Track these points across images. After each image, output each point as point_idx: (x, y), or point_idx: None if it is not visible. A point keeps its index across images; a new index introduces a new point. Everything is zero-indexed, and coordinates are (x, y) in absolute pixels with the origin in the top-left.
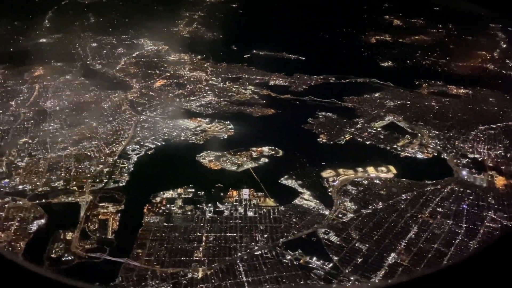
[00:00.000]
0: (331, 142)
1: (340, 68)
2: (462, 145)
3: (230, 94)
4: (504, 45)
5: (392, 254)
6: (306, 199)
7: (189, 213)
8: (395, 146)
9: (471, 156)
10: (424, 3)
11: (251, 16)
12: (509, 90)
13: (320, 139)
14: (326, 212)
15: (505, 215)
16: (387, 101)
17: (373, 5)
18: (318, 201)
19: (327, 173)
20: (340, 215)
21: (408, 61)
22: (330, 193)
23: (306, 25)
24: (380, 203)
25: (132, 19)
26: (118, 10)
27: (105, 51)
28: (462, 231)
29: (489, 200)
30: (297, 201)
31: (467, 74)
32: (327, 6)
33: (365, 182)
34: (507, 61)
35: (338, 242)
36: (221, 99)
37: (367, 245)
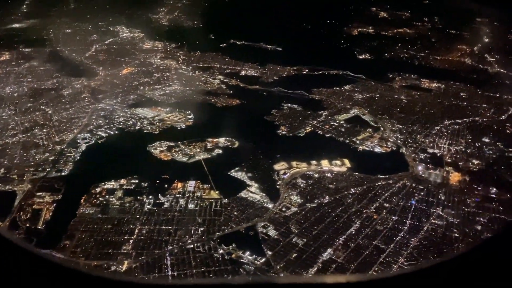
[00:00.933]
0: (291, 134)
1: (316, 59)
2: (423, 139)
3: (197, 83)
4: (487, 40)
5: (328, 250)
6: (253, 192)
7: (127, 205)
8: (354, 140)
9: (431, 151)
10: None
11: (237, 6)
12: (482, 85)
13: (280, 131)
14: (270, 206)
15: (452, 212)
16: (356, 94)
17: None
18: (264, 194)
19: (279, 166)
20: (283, 209)
21: (386, 54)
22: (278, 186)
23: (290, 16)
24: (327, 197)
25: (114, 7)
26: None
27: (78, 38)
28: (406, 227)
29: (439, 197)
30: (242, 194)
31: (443, 68)
32: None
33: (316, 175)
34: (486, 55)
35: (275, 237)
36: (187, 88)
37: (305, 240)
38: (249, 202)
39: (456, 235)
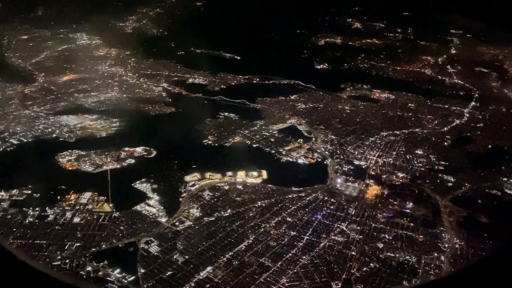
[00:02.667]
0: (216, 144)
1: (273, 68)
2: (353, 151)
3: (137, 90)
4: (454, 51)
5: (209, 268)
6: (150, 205)
7: (8, 217)
8: (280, 150)
9: (357, 163)
10: (396, 9)
11: (210, 15)
12: (434, 96)
13: (206, 140)
14: (164, 220)
15: (357, 228)
16: (299, 104)
17: (343, 7)
18: (162, 208)
19: (190, 177)
20: (177, 223)
21: (346, 64)
22: (181, 199)
23: (261, 26)
24: (229, 211)
25: (83, 14)
26: (75, 4)
27: (31, 44)
28: (301, 244)
29: (349, 211)
30: (138, 207)
31: (400, 79)
32: (294, 8)
33: (226, 187)
34: (448, 66)
35: (155, 253)
36: (125, 95)
37: (187, 257)
38: (142, 216)
39: (353, 253)
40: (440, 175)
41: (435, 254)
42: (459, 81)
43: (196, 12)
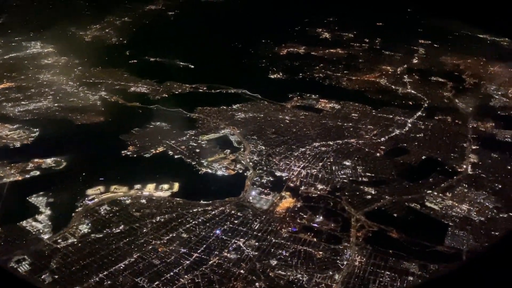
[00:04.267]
0: (135, 155)
1: (226, 77)
2: (278, 162)
3: (71, 99)
4: (415, 61)
5: None
6: (37, 221)
7: None
8: (202, 162)
9: (278, 174)
10: (370, 19)
11: (180, 24)
12: (382, 106)
13: (125, 151)
14: (46, 237)
15: (255, 244)
16: (239, 113)
17: (317, 18)
18: (50, 223)
19: (93, 190)
20: (59, 240)
21: (301, 74)
22: (74, 214)
23: (227, 35)
24: (122, 227)
25: (45, 22)
26: (41, 12)
27: None
28: (187, 262)
29: (253, 226)
30: (24, 222)
31: (352, 89)
32: (267, 18)
33: (128, 201)
34: (405, 76)
35: (24, 273)
36: (56, 104)
37: (56, 277)
38: (24, 232)
39: (242, 271)
40: (361, 187)
41: (330, 273)
42: (412, 91)
43: (165, 21)
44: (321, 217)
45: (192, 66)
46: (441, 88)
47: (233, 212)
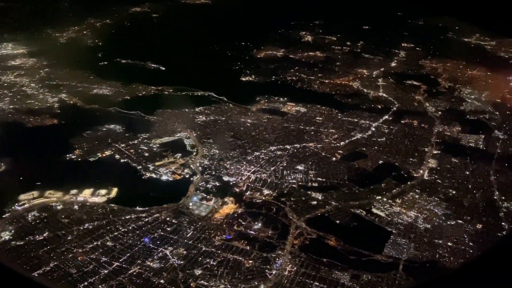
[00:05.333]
0: (79, 159)
1: (196, 80)
2: (230, 166)
3: (29, 101)
4: (394, 64)
5: None
6: None
7: None
8: (148, 166)
9: (226, 179)
10: (357, 22)
11: (162, 26)
12: (350, 109)
13: (71, 154)
14: None
15: (184, 252)
16: (200, 116)
17: (303, 21)
18: None
19: (26, 195)
20: None
21: (274, 77)
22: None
23: (207, 37)
24: (46, 234)
25: (23, 24)
26: (20, 14)
27: None
28: (105, 271)
29: (185, 233)
30: None
31: (322, 92)
32: (251, 21)
33: (59, 207)
34: (380, 79)
35: None
36: (11, 106)
37: None
38: None
39: (161, 281)
40: (309, 192)
41: (255, 283)
42: (383, 94)
43: (147, 23)
44: (259, 224)
45: (163, 68)
46: (414, 91)
47: (168, 219)
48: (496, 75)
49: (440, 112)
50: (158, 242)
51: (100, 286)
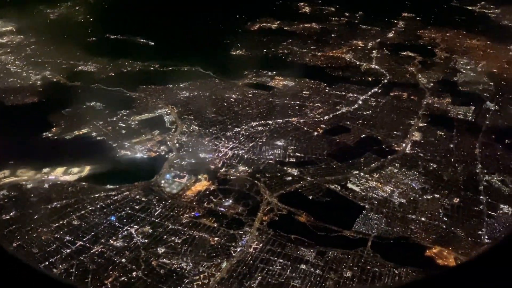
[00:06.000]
0: (56, 137)
1: (185, 54)
2: (208, 143)
3: (11, 79)
4: (391, 35)
5: None
6: None
7: None
8: (124, 143)
9: (203, 155)
10: None
11: (156, 1)
12: (339, 82)
13: (48, 132)
14: None
15: (150, 231)
16: (184, 92)
17: None
18: None
19: None
20: None
21: (265, 50)
22: None
23: (201, 10)
24: (13, 213)
25: (15, 0)
26: None
27: None
28: (68, 250)
29: (152, 211)
30: None
31: (314, 65)
32: None
33: (29, 186)
34: (374, 51)
35: None
36: None
37: None
38: None
39: (123, 260)
40: (285, 168)
41: (218, 260)
42: (376, 67)
43: None
44: (230, 201)
45: (152, 43)
46: (408, 63)
47: (138, 197)
48: (496, 45)
49: (432, 84)
50: (125, 221)
51: (60, 266)
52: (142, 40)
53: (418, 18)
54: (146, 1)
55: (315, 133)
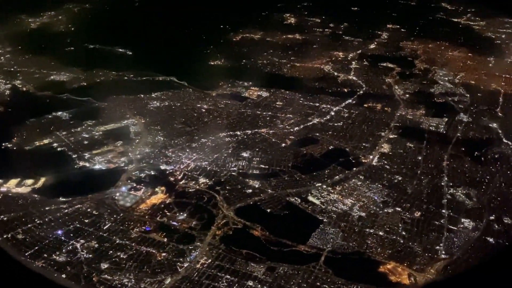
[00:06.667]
0: (15, 148)
1: (162, 64)
2: (171, 154)
3: None
4: (372, 46)
5: None
6: None
7: None
8: (83, 155)
9: (164, 167)
10: (344, 3)
11: (142, 10)
12: (315, 93)
13: (7, 143)
14: None
15: (96, 246)
16: (155, 102)
17: (291, 2)
18: None
19: None
20: None
21: (244, 60)
22: None
23: (185, 21)
24: None
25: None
26: None
27: None
28: None
29: (103, 226)
30: None
31: (291, 76)
32: (234, 3)
33: None
34: (353, 62)
35: None
36: None
37: None
38: None
39: (63, 275)
40: (247, 180)
41: (162, 276)
42: (353, 78)
43: (127, 8)
44: (185, 215)
45: (130, 53)
46: (386, 74)
47: (89, 210)
48: (476, 57)
49: (407, 95)
50: (71, 235)
51: None
52: (120, 49)
53: (402, 30)
54: (131, 11)
55: (283, 145)
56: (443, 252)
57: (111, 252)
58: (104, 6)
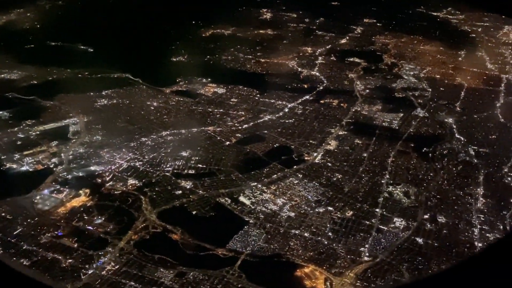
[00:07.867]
0: None
1: (122, 61)
2: (104, 154)
3: None
4: (343, 41)
5: None
6: None
7: None
8: (13, 155)
9: (94, 168)
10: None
11: (115, 7)
12: (276, 89)
13: None
14: None
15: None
16: (102, 100)
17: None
18: None
19: None
20: None
21: (208, 56)
22: None
23: (157, 17)
24: None
25: None
26: None
27: None
28: None
29: (13, 231)
30: None
31: (253, 72)
32: None
33: None
34: (320, 58)
35: None
36: None
37: None
38: None
39: None
40: (179, 181)
41: (63, 284)
42: (316, 73)
43: (101, 5)
44: (103, 218)
45: (91, 50)
46: (351, 69)
47: (3, 214)
48: (448, 50)
49: (368, 90)
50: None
51: None
52: (82, 47)
53: (378, 24)
54: (104, 8)
55: (227, 143)
56: (367, 254)
57: (14, 259)
58: (77, 2)
